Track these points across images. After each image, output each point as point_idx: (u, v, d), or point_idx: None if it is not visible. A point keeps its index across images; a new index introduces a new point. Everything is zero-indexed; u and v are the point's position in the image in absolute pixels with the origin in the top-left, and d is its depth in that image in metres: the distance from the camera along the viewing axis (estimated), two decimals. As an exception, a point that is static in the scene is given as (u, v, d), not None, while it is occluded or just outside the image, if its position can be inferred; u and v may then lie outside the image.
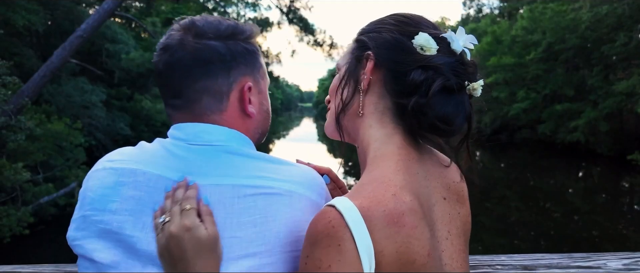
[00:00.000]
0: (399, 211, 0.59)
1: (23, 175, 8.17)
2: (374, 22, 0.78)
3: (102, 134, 13.10)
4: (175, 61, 0.72)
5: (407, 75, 0.67)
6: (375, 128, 0.71)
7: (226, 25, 0.76)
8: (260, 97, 0.81)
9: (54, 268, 0.86)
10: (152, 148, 0.73)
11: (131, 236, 0.64)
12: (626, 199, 13.18)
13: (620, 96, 16.91)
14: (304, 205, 0.67)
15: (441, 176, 0.73)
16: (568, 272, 0.83)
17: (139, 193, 0.66)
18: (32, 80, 9.34)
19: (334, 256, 0.55)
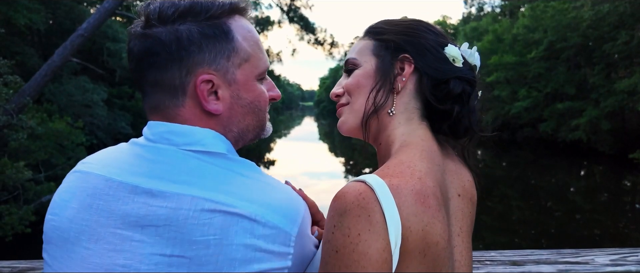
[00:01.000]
0: (425, 193, 0.61)
1: (25, 173, 8.21)
2: (401, 25, 0.79)
3: (104, 133, 13.14)
4: (128, 52, 0.68)
5: (448, 84, 0.73)
6: (403, 125, 0.74)
7: (183, 5, 0.66)
8: (235, 89, 0.69)
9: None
10: (124, 151, 0.69)
11: (87, 249, 0.61)
12: (628, 198, 13.14)
13: (621, 94, 16.87)
14: (269, 233, 0.59)
15: (457, 174, 0.77)
16: (556, 267, 0.84)
17: (97, 201, 0.63)
18: (34, 79, 9.37)
19: (364, 225, 0.56)
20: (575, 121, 19.19)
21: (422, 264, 0.59)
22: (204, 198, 0.59)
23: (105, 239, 0.60)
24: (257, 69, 0.72)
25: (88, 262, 0.60)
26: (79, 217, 0.63)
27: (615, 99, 17.30)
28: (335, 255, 0.57)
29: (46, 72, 9.43)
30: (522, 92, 22.83)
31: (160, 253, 0.58)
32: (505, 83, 24.67)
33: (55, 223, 0.65)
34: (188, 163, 0.64)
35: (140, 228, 0.59)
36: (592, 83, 19.55)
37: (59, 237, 0.64)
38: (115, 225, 0.61)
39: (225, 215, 0.58)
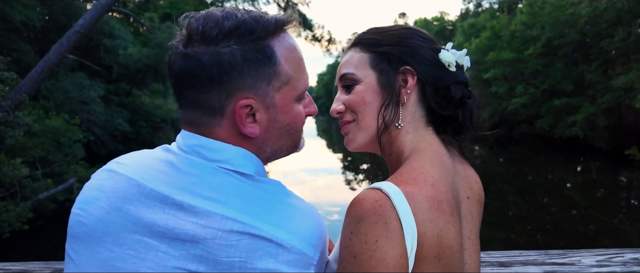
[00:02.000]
0: (439, 199, 0.64)
1: (22, 170, 8.18)
2: (393, 34, 0.79)
3: (101, 130, 13.10)
4: (169, 67, 0.68)
5: (449, 90, 0.76)
6: (411, 133, 0.77)
7: (227, 26, 0.64)
8: (274, 112, 0.69)
9: (43, 265, 0.88)
10: (157, 158, 0.69)
11: (111, 251, 0.61)
12: (624, 194, 13.21)
13: (618, 91, 16.93)
14: (292, 258, 0.60)
15: (465, 175, 0.79)
16: (543, 269, 0.85)
17: (127, 205, 0.63)
18: (30, 76, 9.33)
19: (381, 231, 0.58)
20: (572, 117, 19.25)
21: (437, 268, 0.61)
22: (233, 219, 0.60)
23: (130, 245, 0.61)
24: (297, 91, 0.71)
25: (110, 265, 0.61)
26: (107, 218, 0.63)
27: (611, 96, 17.35)
28: (353, 260, 0.59)
29: (42, 69, 9.38)
30: (520, 88, 22.86)
31: (185, 268, 0.58)
32: (502, 80, 24.70)
33: (82, 219, 0.65)
34: (218, 178, 0.64)
35: (168, 240, 0.60)
36: (589, 80, 19.60)
37: (84, 233, 0.64)
38: (142, 233, 0.61)
39: (252, 238, 0.59)
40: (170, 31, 11.75)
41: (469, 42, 27.29)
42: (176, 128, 16.84)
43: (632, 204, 12.04)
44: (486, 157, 21.80)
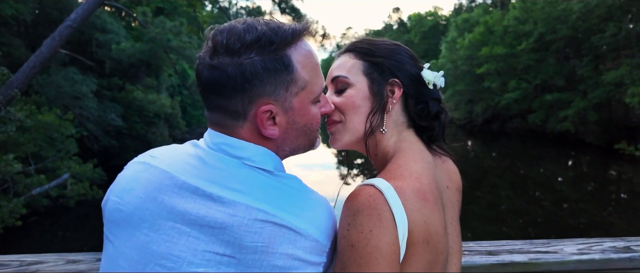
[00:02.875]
0: (424, 190, 0.71)
1: (14, 166, 8.13)
2: (385, 48, 0.88)
3: (94, 125, 12.99)
4: (197, 76, 0.75)
5: (428, 105, 0.86)
6: (395, 137, 0.85)
7: (251, 36, 0.71)
8: (292, 115, 0.76)
9: (57, 256, 0.92)
10: (187, 153, 0.75)
11: (147, 236, 0.68)
12: (613, 187, 13.38)
13: (609, 86, 17.12)
14: (309, 245, 0.67)
15: (444, 168, 0.88)
16: (528, 257, 0.91)
17: (161, 195, 0.69)
18: (22, 71, 9.24)
19: (375, 222, 0.65)
20: (563, 112, 19.46)
21: (426, 251, 0.69)
22: (257, 208, 0.67)
23: (164, 230, 0.67)
24: (313, 94, 0.78)
25: (146, 248, 0.67)
26: (143, 206, 0.69)
27: (602, 91, 17.55)
28: (350, 249, 0.66)
29: (34, 64, 9.29)
30: (512, 83, 23.04)
31: (214, 251, 0.66)
32: (495, 74, 24.85)
33: (120, 206, 0.71)
34: (242, 172, 0.72)
35: (198, 227, 0.67)
36: (581, 75, 19.80)
37: (122, 219, 0.70)
38: (176, 220, 0.67)
39: (274, 225, 0.66)
40: (164, 26, 11.65)
41: (462, 38, 27.38)
42: (170, 123, 16.75)
43: (621, 197, 12.23)
44: (479, 152, 21.99)
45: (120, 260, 0.69)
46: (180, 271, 0.66)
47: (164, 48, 12.15)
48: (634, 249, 0.94)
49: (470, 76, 26.88)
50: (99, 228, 3.50)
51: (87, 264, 0.91)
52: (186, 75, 18.57)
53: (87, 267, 0.90)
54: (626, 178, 14.18)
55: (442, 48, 31.25)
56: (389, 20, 57.36)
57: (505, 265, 0.90)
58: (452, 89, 29.46)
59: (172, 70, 17.52)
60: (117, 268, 0.69)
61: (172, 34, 11.87)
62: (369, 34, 66.27)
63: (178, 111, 17.18)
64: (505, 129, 26.41)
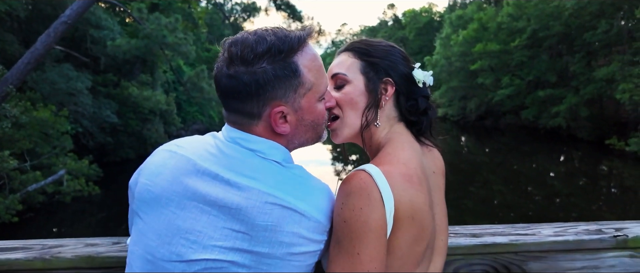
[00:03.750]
0: (410, 174, 0.81)
1: (10, 162, 8.13)
2: (381, 49, 0.97)
3: (89, 121, 12.95)
4: (215, 83, 0.85)
5: (417, 102, 0.95)
6: (387, 129, 0.95)
7: (262, 48, 0.80)
8: (300, 113, 0.86)
9: (76, 241, 1.00)
10: (208, 144, 0.86)
11: (173, 213, 0.78)
12: (604, 182, 13.55)
13: (600, 82, 17.32)
14: (312, 225, 0.78)
15: (430, 156, 0.98)
16: (509, 238, 1.00)
17: (186, 179, 0.80)
18: (16, 67, 9.20)
19: (365, 201, 0.75)
20: (556, 108, 19.65)
21: (412, 226, 0.79)
22: (268, 193, 0.78)
23: (189, 209, 0.78)
24: (318, 93, 0.88)
25: (172, 223, 0.78)
26: (170, 188, 0.80)
27: (594, 87, 17.75)
28: (343, 224, 0.76)
29: (29, 60, 9.26)
30: (505, 80, 23.21)
31: (231, 228, 0.77)
32: (489, 71, 25.00)
33: (149, 188, 0.82)
34: (255, 162, 0.82)
35: (218, 207, 0.78)
36: (573, 71, 20.00)
37: (151, 199, 0.81)
38: (198, 200, 0.78)
39: (282, 208, 0.77)
40: (159, 22, 11.63)
41: (456, 34, 27.49)
42: (165, 120, 16.71)
43: (612, 192, 12.40)
44: (472, 147, 22.16)
45: (150, 234, 0.80)
46: (201, 243, 0.76)
47: (159, 45, 12.14)
48: (605, 231, 1.03)
49: (464, 73, 27.03)
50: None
51: (105, 247, 0.98)
52: (181, 71, 18.52)
53: (105, 250, 0.97)
54: (616, 173, 14.38)
55: (437, 44, 31.33)
56: (384, 17, 57.40)
57: (487, 246, 0.99)
58: (446, 85, 29.60)
59: (167, 66, 17.48)
60: (146, 241, 0.80)
61: (167, 31, 11.86)
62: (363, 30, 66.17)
63: (173, 108, 17.13)
64: (498, 125, 26.60)
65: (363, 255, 0.74)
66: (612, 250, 1.01)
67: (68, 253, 0.95)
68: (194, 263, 0.76)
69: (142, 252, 0.80)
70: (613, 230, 1.03)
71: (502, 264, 1.00)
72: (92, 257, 0.95)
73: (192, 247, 0.77)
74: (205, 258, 0.76)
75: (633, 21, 17.10)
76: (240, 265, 0.76)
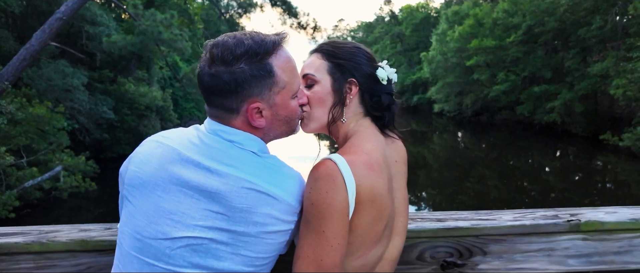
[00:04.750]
0: (371, 162, 0.91)
1: (6, 159, 8.17)
2: (346, 50, 1.06)
3: (85, 117, 12.96)
4: (198, 81, 0.94)
5: (381, 98, 1.04)
6: (353, 124, 1.04)
7: (240, 50, 0.89)
8: (275, 110, 0.95)
9: (70, 227, 1.08)
10: (191, 135, 0.95)
11: (159, 197, 0.88)
12: (598, 177, 13.67)
13: (594, 78, 17.42)
14: (283, 207, 0.88)
15: (394, 146, 1.08)
16: (471, 223, 1.09)
17: (171, 166, 0.89)
18: (12, 63, 9.22)
19: (330, 186, 0.85)
20: (551, 103, 19.76)
21: (372, 207, 0.89)
22: (244, 179, 0.87)
23: (173, 193, 0.87)
24: (291, 92, 0.97)
25: (159, 206, 0.88)
26: (157, 175, 0.89)
27: (588, 83, 17.85)
28: (311, 206, 0.86)
29: (24, 57, 9.28)
30: (501, 75, 23.29)
31: (210, 209, 0.86)
32: (484, 67, 25.08)
33: (138, 174, 0.91)
34: (233, 152, 0.92)
35: (199, 191, 0.87)
36: (568, 67, 20.10)
37: (140, 184, 0.91)
38: (182, 185, 0.88)
39: (257, 192, 0.87)
40: (155, 18, 11.63)
41: (452, 30, 27.52)
42: (161, 116, 16.74)
43: (606, 187, 12.52)
44: (468, 143, 22.29)
45: (138, 215, 0.89)
46: (184, 223, 0.86)
47: (155, 41, 12.15)
48: (561, 217, 1.11)
49: (460, 68, 27.09)
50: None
51: (98, 232, 1.06)
52: (177, 68, 18.51)
53: (98, 234, 1.05)
54: (611, 168, 14.52)
55: (433, 40, 31.35)
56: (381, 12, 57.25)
57: (451, 230, 1.07)
58: (443, 81, 29.66)
59: (163, 62, 17.46)
60: (135, 221, 0.89)
61: (163, 27, 11.86)
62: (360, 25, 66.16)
63: (169, 104, 17.15)
64: (494, 120, 26.72)
65: (328, 232, 0.85)
66: (566, 234, 1.10)
67: (63, 238, 1.03)
68: (177, 240, 0.86)
69: (131, 232, 0.89)
70: (568, 215, 1.11)
71: (464, 246, 1.09)
72: (85, 240, 1.03)
73: (176, 226, 0.86)
74: (188, 235, 0.85)
75: (627, 17, 17.19)
76: (219, 242, 0.86)
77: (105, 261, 1.05)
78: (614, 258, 1.09)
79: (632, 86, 14.37)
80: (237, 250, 0.86)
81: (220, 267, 0.86)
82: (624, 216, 1.10)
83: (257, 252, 0.88)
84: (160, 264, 0.86)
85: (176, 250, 0.86)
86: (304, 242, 0.87)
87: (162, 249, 0.86)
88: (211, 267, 0.86)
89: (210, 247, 0.85)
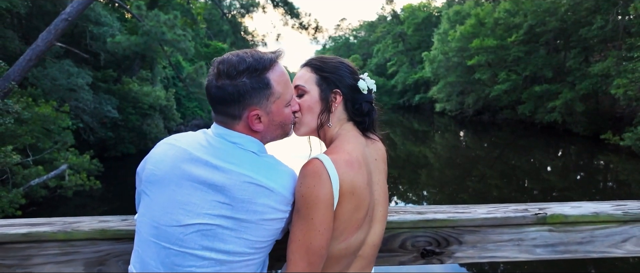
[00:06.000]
0: (351, 160, 1.06)
1: (13, 157, 8.30)
2: (331, 65, 1.22)
3: (90, 117, 13.10)
4: (207, 92, 1.10)
5: (361, 106, 1.20)
6: (337, 128, 1.20)
7: (242, 66, 1.05)
8: (271, 116, 1.11)
9: (91, 218, 1.21)
10: (200, 138, 1.10)
11: (173, 190, 1.03)
12: (600, 176, 13.65)
13: (595, 77, 17.45)
14: (279, 198, 1.03)
15: (374, 146, 1.22)
16: (448, 215, 1.21)
17: (183, 165, 1.04)
18: (18, 63, 9.37)
19: (317, 180, 1.00)
20: (552, 103, 19.80)
21: (352, 198, 1.04)
22: (245, 174, 1.03)
23: (185, 187, 1.03)
24: (285, 101, 1.13)
25: (173, 198, 1.03)
26: (171, 172, 1.05)
27: (589, 82, 17.87)
28: (301, 198, 1.01)
29: (31, 57, 9.43)
30: (502, 75, 23.33)
31: (217, 200, 1.02)
32: (486, 66, 25.12)
33: (155, 171, 1.07)
34: (236, 152, 1.08)
35: (207, 185, 1.02)
36: (569, 66, 20.13)
37: (156, 180, 1.06)
38: (192, 180, 1.03)
39: (256, 186, 1.02)
40: (158, 19, 11.77)
41: (454, 30, 27.56)
42: (165, 115, 16.88)
43: (608, 186, 12.51)
44: (470, 142, 22.33)
45: (155, 206, 1.05)
46: (195, 211, 1.02)
47: (158, 41, 12.28)
48: (530, 210, 1.23)
49: (462, 68, 27.14)
50: None
51: (115, 222, 1.20)
52: (180, 67, 18.64)
53: (115, 225, 1.19)
54: (612, 168, 14.54)
55: (435, 40, 31.40)
56: (383, 12, 57.31)
57: (429, 221, 1.20)
58: (444, 80, 29.72)
59: (166, 62, 17.60)
60: (152, 212, 1.05)
61: (167, 27, 12.00)
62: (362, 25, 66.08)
63: (173, 103, 17.29)
64: (495, 120, 26.76)
65: (315, 219, 1.00)
66: (533, 225, 1.22)
67: (85, 227, 1.17)
68: (189, 226, 1.01)
69: (149, 221, 1.05)
70: (537, 209, 1.24)
71: (442, 236, 1.21)
72: (104, 230, 1.17)
73: (188, 214, 1.01)
74: (198, 222, 1.01)
75: (628, 17, 17.21)
76: (225, 227, 1.01)
77: (122, 248, 1.19)
78: (577, 247, 1.21)
79: (633, 85, 14.41)
80: (240, 234, 1.02)
81: (226, 248, 1.02)
82: (587, 210, 1.22)
83: (257, 236, 1.03)
84: (175, 247, 1.01)
85: (188, 235, 1.01)
86: (295, 228, 1.02)
87: (177, 234, 1.01)
88: (218, 249, 1.01)
89: (217, 231, 1.01)
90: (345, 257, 1.09)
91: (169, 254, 1.02)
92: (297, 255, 1.01)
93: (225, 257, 1.02)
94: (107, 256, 1.18)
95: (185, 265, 1.01)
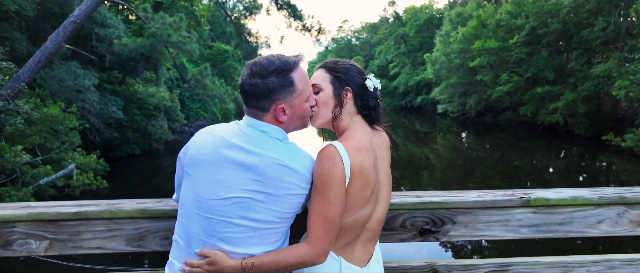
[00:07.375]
0: (360, 146, 1.25)
1: (22, 157, 8.48)
2: (343, 67, 1.42)
3: (95, 117, 13.28)
4: (241, 88, 1.29)
5: (368, 101, 1.39)
6: (348, 120, 1.40)
7: (272, 68, 1.24)
8: (294, 109, 1.30)
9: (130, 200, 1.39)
10: (234, 127, 1.29)
11: (214, 171, 1.23)
12: (602, 178, 13.71)
13: (597, 79, 17.53)
14: (300, 177, 1.22)
15: (379, 136, 1.42)
16: (442, 199, 1.38)
17: (221, 150, 1.23)
18: (28, 65, 9.57)
19: (332, 163, 1.20)
20: (553, 104, 19.89)
21: (361, 178, 1.23)
22: (273, 157, 1.22)
23: (224, 168, 1.23)
24: (305, 96, 1.32)
25: (213, 177, 1.23)
26: (212, 155, 1.25)
27: (591, 84, 17.96)
28: (318, 177, 1.21)
29: (40, 59, 9.63)
30: (504, 76, 23.42)
31: (250, 177, 1.22)
32: (488, 68, 25.23)
33: (197, 156, 1.26)
34: (264, 138, 1.27)
35: (242, 166, 1.22)
36: (570, 68, 20.22)
37: (198, 163, 1.26)
38: (229, 162, 1.23)
39: (282, 166, 1.21)
40: (164, 21, 11.97)
41: (456, 31, 27.67)
42: (169, 116, 17.05)
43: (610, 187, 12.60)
44: (472, 143, 22.43)
45: (198, 184, 1.25)
46: (232, 187, 1.22)
47: (164, 43, 12.48)
48: (516, 194, 1.40)
49: (464, 69, 27.24)
50: None
51: (152, 204, 1.37)
52: (185, 69, 18.82)
53: (152, 205, 1.36)
54: (614, 169, 14.61)
55: (437, 41, 31.52)
56: (385, 14, 57.52)
57: (426, 203, 1.37)
58: (446, 82, 29.82)
59: (170, 64, 17.80)
60: (195, 189, 1.26)
61: (172, 30, 12.19)
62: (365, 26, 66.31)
63: (177, 104, 17.44)
64: (497, 121, 26.84)
65: (331, 194, 1.20)
66: (519, 208, 1.39)
67: (127, 207, 1.35)
68: (227, 199, 1.22)
69: (193, 196, 1.25)
70: (522, 193, 1.40)
71: (437, 217, 1.38)
72: (144, 209, 1.35)
73: (226, 190, 1.22)
74: (235, 196, 1.21)
75: (630, 19, 17.30)
76: (257, 200, 1.21)
77: (159, 225, 1.37)
78: (558, 228, 1.37)
79: (635, 87, 14.49)
80: (270, 206, 1.22)
81: (258, 217, 1.22)
82: (567, 195, 1.39)
83: (283, 207, 1.23)
84: (216, 217, 1.22)
85: (227, 206, 1.22)
86: (314, 202, 1.23)
87: (217, 206, 1.22)
88: (252, 218, 1.22)
89: (250, 203, 1.21)
90: (355, 228, 1.29)
91: (211, 223, 1.22)
92: (315, 223, 1.21)
93: (257, 224, 1.22)
94: (145, 232, 1.37)
95: (224, 231, 1.22)
